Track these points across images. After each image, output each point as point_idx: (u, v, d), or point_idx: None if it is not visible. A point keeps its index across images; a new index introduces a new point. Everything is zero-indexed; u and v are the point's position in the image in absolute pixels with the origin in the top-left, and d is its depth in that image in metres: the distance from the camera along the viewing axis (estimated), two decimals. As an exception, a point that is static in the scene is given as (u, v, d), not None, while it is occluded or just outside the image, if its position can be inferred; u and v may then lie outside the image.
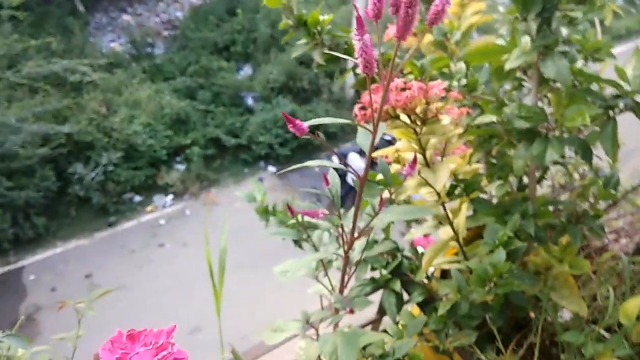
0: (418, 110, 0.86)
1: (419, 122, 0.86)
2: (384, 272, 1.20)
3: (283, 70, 9.37)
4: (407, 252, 1.30)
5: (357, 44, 0.54)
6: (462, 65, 0.93)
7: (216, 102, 9.48)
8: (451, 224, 1.06)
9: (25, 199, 7.88)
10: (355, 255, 0.90)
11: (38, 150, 7.96)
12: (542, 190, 1.17)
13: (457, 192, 0.98)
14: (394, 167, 0.98)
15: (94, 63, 8.71)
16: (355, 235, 0.80)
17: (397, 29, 0.56)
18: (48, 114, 8.27)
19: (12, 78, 7.79)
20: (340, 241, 0.80)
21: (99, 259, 8.05)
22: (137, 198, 8.95)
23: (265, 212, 1.51)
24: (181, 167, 9.04)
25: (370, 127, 0.71)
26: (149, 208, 8.83)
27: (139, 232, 8.49)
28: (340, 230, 0.77)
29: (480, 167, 1.12)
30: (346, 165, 0.74)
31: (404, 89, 0.80)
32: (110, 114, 8.81)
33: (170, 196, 8.93)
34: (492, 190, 1.03)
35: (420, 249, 1.32)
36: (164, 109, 8.93)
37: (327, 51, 0.85)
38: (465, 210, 1.06)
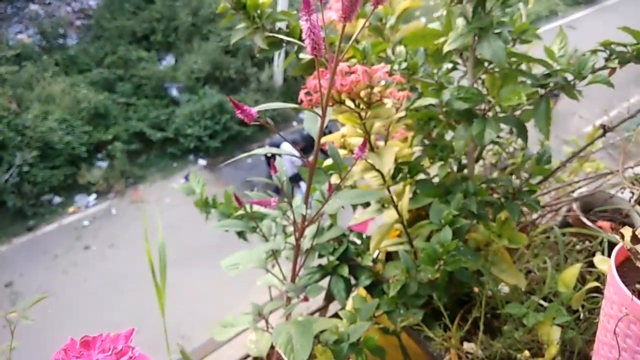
0: (362, 94, 0.85)
1: (363, 107, 0.86)
2: (331, 258, 1.20)
3: (208, 59, 9.11)
4: (352, 237, 1.31)
5: (304, 25, 0.53)
6: (402, 49, 0.94)
7: (138, 94, 9.05)
8: (395, 206, 1.07)
9: None
10: (306, 243, 0.89)
11: (-61, 153, 7.24)
12: (475, 170, 1.21)
13: (400, 175, 0.99)
14: (340, 153, 0.97)
15: (0, 56, 8.01)
16: (306, 222, 0.79)
17: (343, 9, 0.55)
18: (-52, 114, 7.53)
19: None
20: (291, 229, 0.78)
21: (20, 266, 7.48)
22: (57, 199, 8.38)
23: (205, 205, 1.45)
24: (103, 164, 8.56)
25: (318, 111, 0.70)
26: (70, 209, 8.31)
27: (62, 235, 7.98)
28: (291, 218, 0.76)
29: (417, 150, 1.14)
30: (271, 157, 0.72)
31: (349, 73, 0.79)
32: (22, 111, 8.16)
33: (93, 195, 8.44)
34: (433, 172, 1.06)
35: (363, 235, 1.34)
36: (80, 104, 8.40)
37: (269, 34, 0.82)
38: (408, 192, 1.08)
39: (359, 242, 1.30)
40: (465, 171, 1.03)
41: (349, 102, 0.85)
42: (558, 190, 1.29)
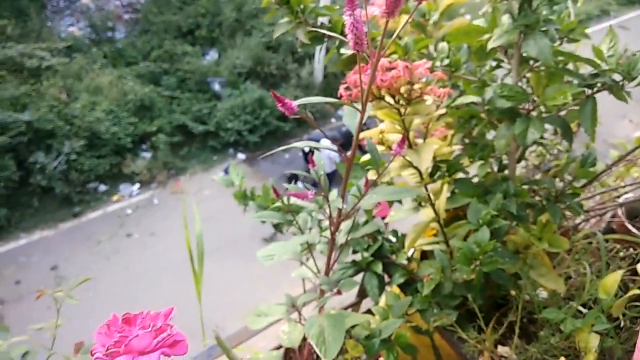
0: (402, 90, 0.85)
1: (403, 103, 0.85)
2: (366, 254, 1.20)
3: (250, 55, 9.23)
4: (387, 235, 1.30)
5: (347, 20, 0.53)
6: (444, 45, 0.93)
7: (182, 87, 9.28)
8: (432, 205, 1.07)
9: (-17, 190, 7.58)
10: (341, 237, 0.90)
11: (-4, 140, 7.65)
12: (517, 171, 1.19)
13: (439, 173, 0.98)
14: (378, 149, 0.97)
15: (52, 47, 8.37)
16: (341, 217, 0.80)
17: (387, 4, 0.55)
18: (5, 101, 7.92)
19: (-36, 64, 7.42)
20: (326, 223, 0.79)
21: (65, 251, 7.83)
22: (102, 187, 8.71)
23: (244, 197, 1.48)
24: (147, 155, 8.83)
25: (358, 106, 0.70)
26: (115, 197, 8.61)
27: (106, 222, 8.29)
28: (327, 212, 0.76)
29: (458, 149, 1.13)
30: (311, 151, 0.73)
31: (389, 69, 0.79)
32: (71, 101, 8.51)
33: (137, 185, 8.72)
34: (472, 171, 1.04)
35: (399, 232, 1.33)
36: (127, 95, 8.68)
37: (311, 29, 0.83)
38: (446, 191, 1.07)
39: (394, 239, 1.30)
40: (506, 172, 1.01)
41: (388, 98, 0.85)
42: (603, 195, 1.25)
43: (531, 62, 0.88)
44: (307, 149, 7.86)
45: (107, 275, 7.45)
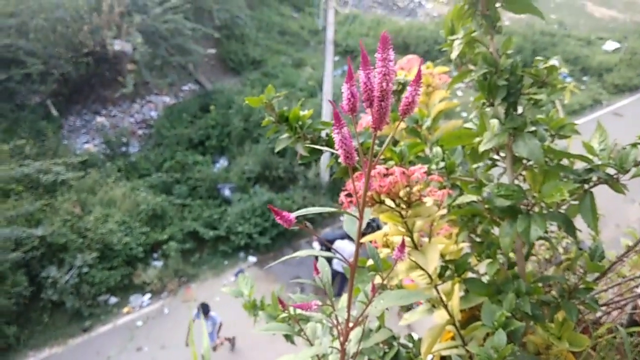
0: (401, 194, 0.87)
1: (404, 206, 0.87)
2: (381, 363, 1.15)
3: (258, 160, 9.56)
4: (402, 340, 1.26)
5: (336, 137, 0.57)
6: (438, 149, 0.97)
7: (193, 195, 9.50)
8: (445, 306, 1.04)
9: (-6, 308, 7.49)
10: (352, 346, 0.87)
11: (10, 255, 7.70)
12: (528, 265, 1.17)
13: (447, 273, 0.97)
14: (384, 252, 0.97)
15: (68, 163, 8.73)
16: (350, 324, 0.78)
17: (373, 120, 0.58)
18: (21, 217, 8.10)
19: (-17, 183, 7.72)
20: (335, 332, 0.77)
21: (75, 367, 7.53)
22: (113, 299, 8.59)
23: (253, 307, 1.46)
24: (158, 263, 8.81)
25: (356, 213, 0.72)
26: (125, 309, 8.45)
27: (115, 336, 8.06)
28: (334, 320, 0.75)
29: (464, 247, 1.13)
30: (330, 250, 0.74)
31: (386, 175, 0.82)
32: (85, 214, 8.69)
33: (148, 295, 8.60)
34: (482, 269, 1.03)
35: (415, 335, 1.29)
36: (139, 206, 8.87)
37: (308, 144, 0.87)
38: (458, 291, 1.05)
39: (410, 345, 1.25)
40: (516, 268, 1.00)
41: (389, 202, 0.87)
42: (621, 286, 1.21)
43: (524, 160, 0.91)
44: (318, 248, 7.83)
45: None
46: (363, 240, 1.02)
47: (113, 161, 9.97)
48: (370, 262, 0.99)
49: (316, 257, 0.82)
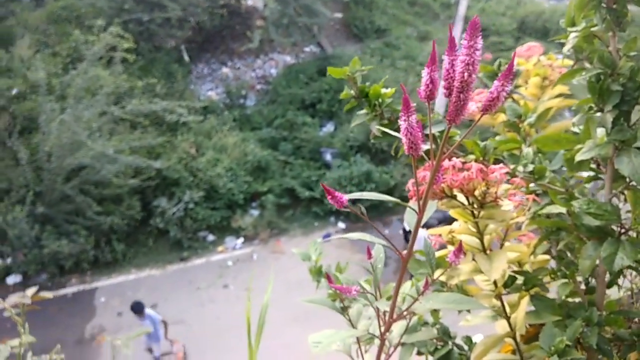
0: (477, 192, 0.81)
1: (476, 205, 0.81)
2: (431, 358, 1.12)
3: (363, 130, 9.53)
4: (459, 340, 1.21)
5: (402, 125, 0.53)
6: (529, 150, 0.88)
7: (296, 154, 9.79)
8: (507, 318, 0.97)
9: (110, 225, 8.46)
10: (394, 337, 0.85)
11: (129, 181, 8.60)
12: (619, 294, 1.05)
13: (515, 284, 0.90)
14: (449, 249, 0.93)
15: (191, 106, 9.39)
16: (395, 316, 0.76)
17: (449, 112, 0.54)
18: (143, 149, 8.96)
19: (116, 113, 8.58)
20: (379, 321, 0.75)
21: (167, 291, 8.33)
22: (211, 237, 9.28)
23: (318, 273, 1.48)
24: (255, 212, 9.30)
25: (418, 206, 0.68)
26: (219, 248, 9.11)
27: (207, 270, 8.74)
28: (376, 309, 0.73)
29: (548, 260, 1.03)
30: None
31: (462, 169, 0.77)
32: (198, 156, 9.37)
33: (241, 239, 9.16)
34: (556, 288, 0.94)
35: (475, 338, 1.23)
36: (247, 156, 9.35)
37: (382, 126, 0.84)
38: (526, 305, 0.97)
39: (466, 347, 1.19)
40: (596, 295, 0.89)
41: (461, 198, 0.82)
42: None
43: (628, 178, 0.79)
44: (407, 227, 7.70)
45: (200, 321, 7.73)
46: (429, 232, 0.98)
47: (230, 111, 10.55)
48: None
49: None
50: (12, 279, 8.05)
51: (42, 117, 8.13)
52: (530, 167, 0.84)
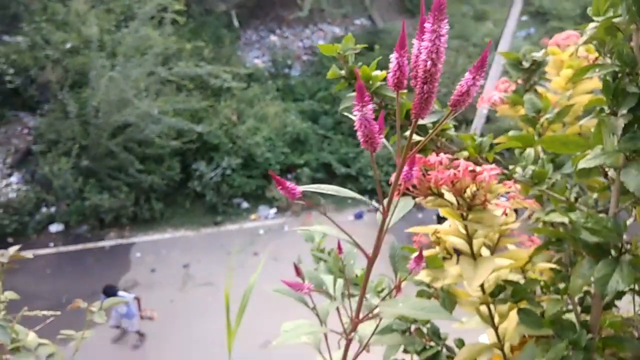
0: (467, 192, 0.74)
1: (465, 207, 0.75)
2: (416, 358, 1.07)
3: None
4: (450, 342, 1.15)
5: (357, 115, 0.47)
6: (531, 151, 0.79)
7: (336, 129, 9.70)
8: (495, 328, 0.91)
9: (150, 184, 8.72)
10: (364, 337, 0.81)
11: (171, 143, 8.79)
12: (627, 311, 0.95)
13: (502, 295, 0.83)
14: (434, 251, 0.86)
15: (235, 73, 9.41)
16: (359, 318, 0.71)
17: (414, 105, 0.48)
18: (187, 112, 9.10)
19: (163, 74, 8.72)
20: (341, 320, 0.71)
21: (199, 253, 8.56)
22: (245, 204, 9.43)
23: (319, 256, 1.44)
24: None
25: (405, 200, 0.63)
26: (252, 216, 9.24)
27: (239, 236, 8.90)
28: (337, 309, 0.69)
29: (542, 270, 0.95)
30: None
31: (450, 167, 0.70)
32: (239, 123, 9.44)
33: (274, 210, 9.25)
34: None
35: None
36: (286, 127, 9.35)
37: (374, 111, 0.77)
38: (516, 315, 0.90)
39: (457, 350, 1.13)
40: (590, 317, 0.81)
41: (449, 196, 0.75)
42: None
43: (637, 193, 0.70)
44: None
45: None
46: (413, 230, 0.92)
47: (274, 80, 10.52)
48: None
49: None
50: (54, 227, 8.46)
51: (93, 73, 8.37)
52: (531, 170, 0.76)
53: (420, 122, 0.71)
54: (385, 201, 0.62)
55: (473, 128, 8.62)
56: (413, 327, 1.10)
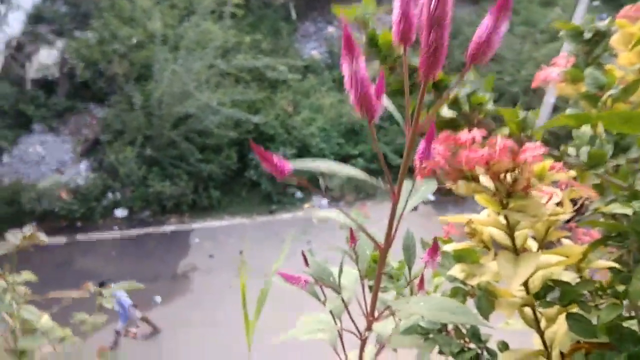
0: (508, 177, 0.64)
1: (503, 193, 0.64)
2: (452, 360, 0.97)
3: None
4: (490, 345, 1.04)
5: (345, 71, 0.39)
6: (586, 130, 0.67)
7: (392, 119, 9.38)
8: (541, 334, 0.80)
9: (208, 172, 8.95)
10: (382, 336, 0.72)
11: (229, 133, 8.96)
12: None
13: (549, 297, 0.72)
14: (468, 243, 0.76)
15: (291, 64, 9.43)
16: (373, 316, 0.63)
17: (420, 60, 0.39)
18: (244, 103, 9.24)
19: (222, 66, 8.88)
20: (351, 318, 0.63)
21: (254, 240, 8.70)
22: (299, 194, 9.47)
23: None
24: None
25: (408, 185, 0.54)
26: (306, 205, 9.27)
27: (293, 225, 8.96)
28: (345, 305, 0.61)
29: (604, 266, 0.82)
30: None
31: (484, 145, 0.60)
32: (295, 114, 9.47)
33: (328, 199, 9.23)
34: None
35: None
36: (341, 118, 9.28)
37: (395, 82, 0.68)
38: (564, 322, 0.78)
39: (500, 354, 1.02)
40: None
41: (486, 181, 0.65)
42: None
43: None
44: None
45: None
46: (446, 219, 0.81)
47: (331, 71, 10.45)
48: (447, 247, 0.78)
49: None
50: (119, 212, 8.88)
51: (156, 66, 8.66)
52: (585, 152, 0.64)
53: (452, 93, 0.61)
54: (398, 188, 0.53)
55: (540, 119, 8.13)
56: (451, 327, 1.00)
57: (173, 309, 7.12)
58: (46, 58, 9.14)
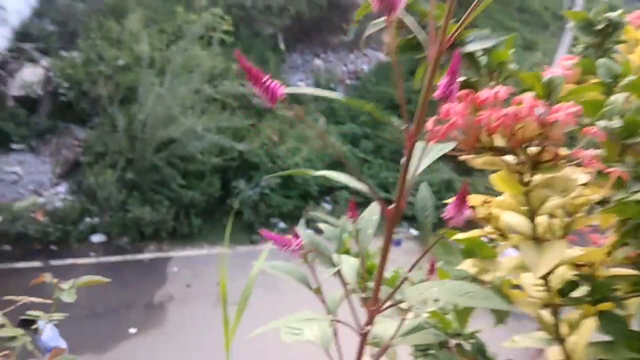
0: (532, 145, 0.55)
1: (528, 165, 0.55)
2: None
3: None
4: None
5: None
6: (620, 97, 0.60)
7: (376, 153, 9.53)
8: (561, 341, 0.70)
9: (190, 199, 8.75)
10: (384, 334, 0.62)
11: (213, 160, 8.83)
12: None
13: (575, 293, 0.63)
14: (480, 231, 0.67)
15: (278, 95, 9.45)
16: (376, 307, 0.53)
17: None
18: (229, 130, 9.16)
19: (208, 92, 8.84)
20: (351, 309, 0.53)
21: (234, 271, 8.37)
22: (282, 225, 9.29)
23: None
24: (328, 206, 9.17)
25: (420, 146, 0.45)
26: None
27: (275, 256, 8.71)
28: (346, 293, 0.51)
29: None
30: None
31: (507, 103, 0.52)
32: (280, 143, 9.42)
33: (311, 231, 9.08)
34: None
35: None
36: (326, 149, 9.25)
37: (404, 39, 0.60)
38: (592, 326, 0.69)
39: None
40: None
41: (504, 145, 0.56)
42: None
43: None
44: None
45: (260, 304, 7.76)
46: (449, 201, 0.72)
47: (317, 102, 10.50)
48: (459, 236, 0.69)
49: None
50: (96, 238, 8.58)
51: (141, 89, 8.58)
52: (618, 121, 0.56)
53: (469, 48, 0.53)
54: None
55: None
56: (453, 342, 0.89)
57: (149, 341, 6.80)
58: (30, 76, 9.01)
